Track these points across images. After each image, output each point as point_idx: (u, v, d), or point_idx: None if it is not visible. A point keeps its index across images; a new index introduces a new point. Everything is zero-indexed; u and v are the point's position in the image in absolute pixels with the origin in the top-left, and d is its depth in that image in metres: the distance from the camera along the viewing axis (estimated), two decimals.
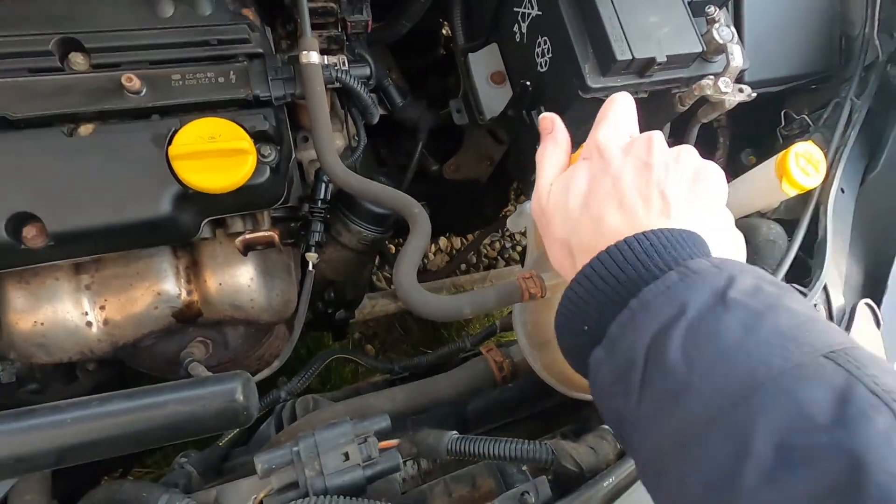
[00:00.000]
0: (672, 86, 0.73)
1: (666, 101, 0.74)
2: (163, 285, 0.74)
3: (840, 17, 0.86)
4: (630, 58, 0.65)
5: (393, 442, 0.53)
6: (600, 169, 0.44)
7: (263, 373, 0.77)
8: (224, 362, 0.88)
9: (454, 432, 0.53)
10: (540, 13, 0.75)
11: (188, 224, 0.65)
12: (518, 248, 2.02)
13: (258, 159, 0.63)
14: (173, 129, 0.60)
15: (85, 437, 0.48)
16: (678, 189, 0.41)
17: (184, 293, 0.76)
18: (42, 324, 0.69)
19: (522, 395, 0.73)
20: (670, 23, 0.68)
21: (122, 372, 0.89)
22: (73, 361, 0.77)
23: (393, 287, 1.69)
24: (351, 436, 0.51)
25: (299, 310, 0.78)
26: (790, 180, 0.64)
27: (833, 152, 0.75)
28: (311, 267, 0.77)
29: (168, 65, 0.63)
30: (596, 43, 0.67)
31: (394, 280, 0.53)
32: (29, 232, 0.57)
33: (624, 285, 0.37)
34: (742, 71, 0.74)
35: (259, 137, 0.64)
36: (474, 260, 1.93)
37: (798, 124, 0.86)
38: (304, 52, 0.64)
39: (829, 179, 0.72)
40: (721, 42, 0.69)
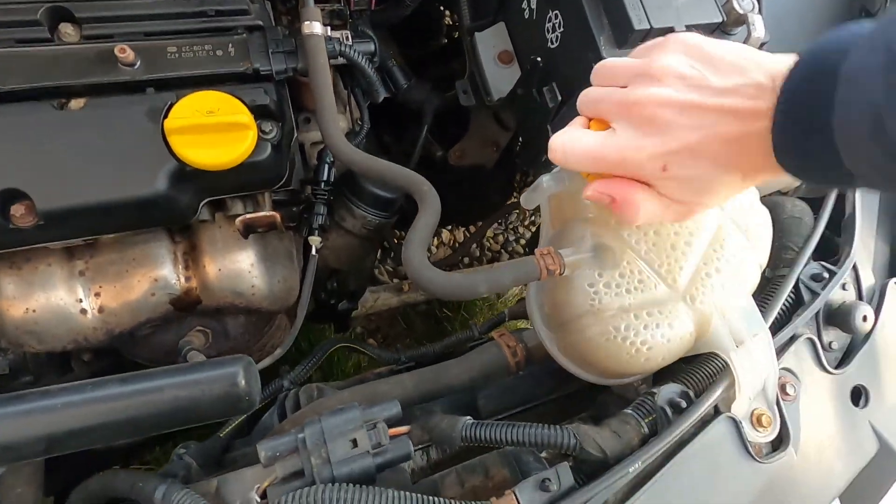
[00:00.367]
0: None
1: None
2: (160, 271, 0.71)
3: None
4: (648, 27, 0.62)
5: (404, 429, 0.50)
6: (662, 72, 0.42)
7: (265, 361, 0.74)
8: (224, 353, 0.85)
9: (468, 418, 0.50)
10: None
11: (186, 204, 0.62)
12: (522, 242, 1.98)
13: (259, 135, 0.60)
14: (169, 103, 0.57)
15: (77, 424, 0.45)
16: (721, 73, 0.40)
17: (182, 279, 0.73)
18: (34, 311, 0.66)
19: (536, 383, 0.70)
20: None
21: (120, 363, 0.86)
22: (68, 351, 0.74)
23: (395, 280, 1.66)
24: (359, 422, 0.48)
25: (302, 296, 0.75)
26: None
27: None
28: (315, 251, 0.74)
29: (163, 36, 0.61)
30: (611, 13, 0.65)
31: (403, 258, 0.50)
32: (17, 210, 0.54)
33: (826, 65, 0.35)
34: (763, 44, 0.72)
35: (259, 113, 0.61)
36: (477, 253, 1.90)
37: None
38: (307, 23, 0.61)
39: None
40: (742, 12, 0.66)
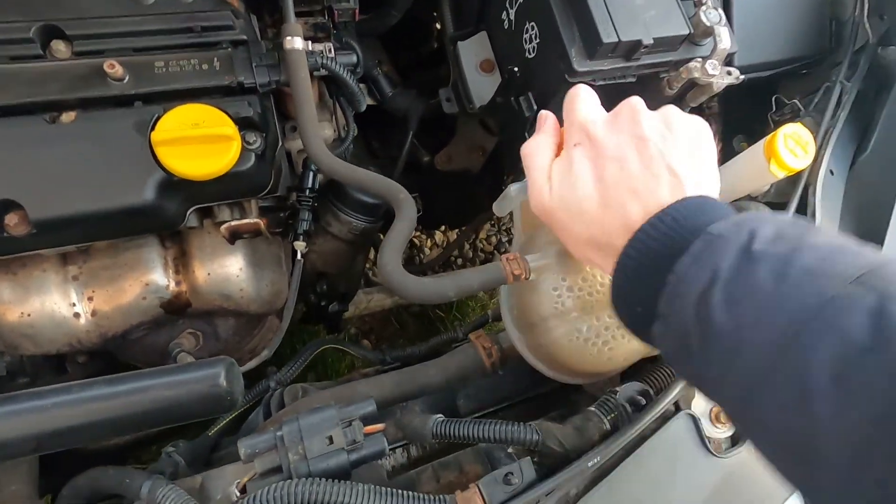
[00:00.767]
0: (660, 69, 0.72)
1: (654, 86, 0.73)
2: (151, 276, 0.74)
3: (830, 1, 0.86)
4: (616, 40, 0.64)
5: (378, 426, 0.53)
6: (597, 154, 0.44)
7: (252, 362, 0.77)
8: (214, 354, 0.88)
9: (440, 415, 0.52)
10: None
11: (173, 212, 0.64)
12: None
13: (243, 146, 0.62)
14: (156, 116, 0.60)
15: (66, 423, 0.47)
16: (680, 156, 0.42)
17: (172, 284, 0.75)
18: (29, 315, 0.69)
19: (515, 383, 0.73)
20: (657, 5, 0.67)
21: (114, 365, 0.88)
22: (63, 354, 0.76)
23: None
24: (336, 420, 0.51)
25: (288, 299, 0.78)
26: (779, 161, 0.63)
27: (822, 134, 0.74)
28: (300, 256, 0.77)
29: (151, 52, 0.63)
30: (582, 26, 0.67)
31: (377, 263, 0.52)
32: (11, 220, 0.57)
33: (659, 264, 0.38)
34: (731, 55, 0.74)
35: (244, 124, 0.63)
36: (471, 254, 1.92)
37: (789, 109, 0.85)
38: (288, 38, 0.64)
39: (819, 161, 0.72)
40: (708, 24, 0.68)
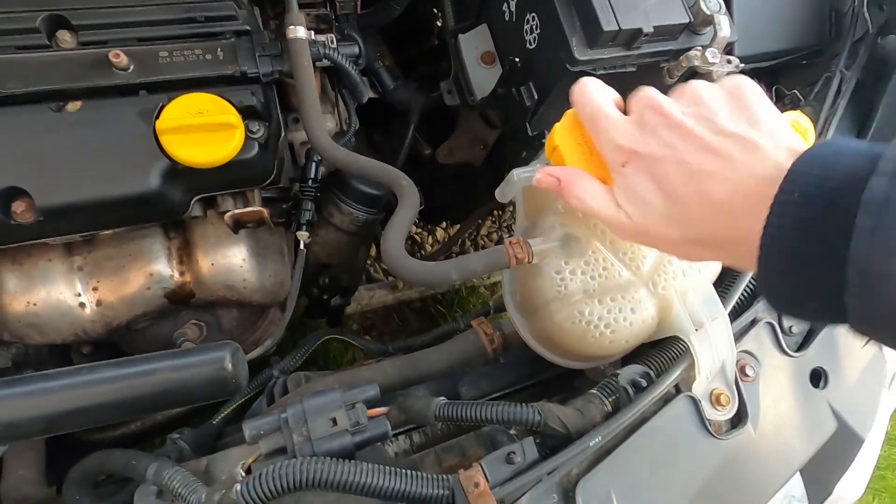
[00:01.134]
0: (660, 58, 0.72)
1: (654, 75, 0.74)
2: (155, 266, 0.74)
3: None
4: (616, 28, 0.65)
5: (382, 410, 0.53)
6: (650, 163, 0.39)
7: (256, 351, 0.77)
8: None
9: (442, 398, 0.53)
10: None
11: (177, 201, 0.65)
12: None
13: (246, 134, 0.63)
14: (161, 105, 0.60)
15: (74, 405, 0.48)
16: (726, 119, 0.37)
17: (176, 274, 0.76)
18: (35, 304, 0.70)
19: (516, 370, 0.73)
20: None
21: (118, 355, 0.88)
22: (68, 343, 0.77)
23: (390, 278, 1.69)
24: (339, 403, 0.51)
25: (291, 289, 0.78)
26: None
27: (822, 123, 0.75)
28: (303, 245, 0.77)
29: (155, 42, 0.64)
30: (583, 15, 0.67)
31: (381, 248, 0.53)
32: (18, 207, 0.57)
33: (826, 237, 0.30)
34: (731, 44, 0.74)
35: (247, 113, 0.64)
36: (471, 250, 1.93)
37: (789, 99, 0.85)
38: (291, 27, 0.64)
39: None
40: (708, 13, 0.69)
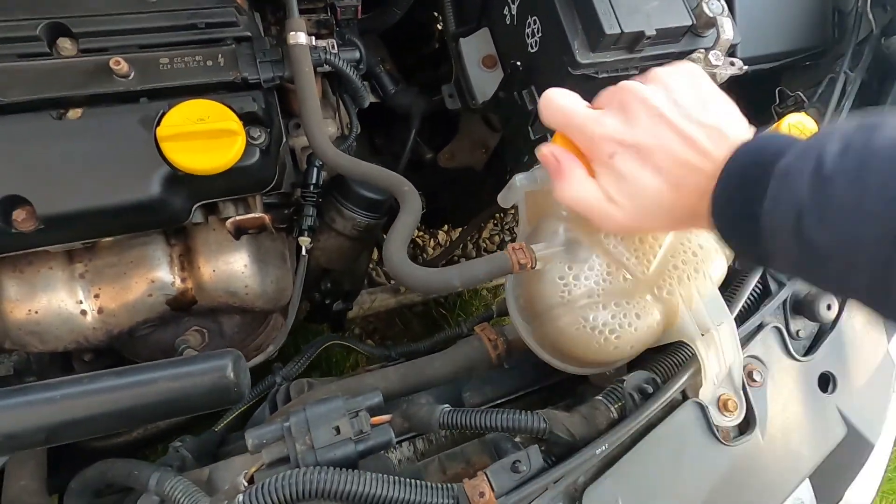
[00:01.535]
0: (663, 61, 0.72)
1: None
2: (157, 273, 0.74)
3: None
4: (619, 31, 0.65)
5: (385, 417, 0.53)
6: (635, 152, 0.44)
7: (258, 358, 0.77)
8: None
9: (446, 405, 0.52)
10: None
11: (179, 208, 0.65)
12: None
13: (247, 141, 0.63)
14: (161, 112, 0.60)
15: (75, 414, 0.47)
16: (694, 107, 0.44)
17: (178, 280, 0.76)
18: (36, 312, 0.69)
19: (520, 376, 0.72)
20: None
21: (120, 362, 0.89)
22: (69, 352, 0.77)
23: (392, 282, 1.69)
24: (342, 411, 0.51)
25: (293, 294, 0.78)
26: None
27: (826, 124, 0.74)
28: (305, 251, 0.77)
29: (156, 49, 0.64)
30: (585, 18, 0.67)
31: (383, 255, 0.52)
32: (19, 215, 0.57)
33: (745, 213, 0.39)
34: (734, 46, 0.74)
35: (248, 119, 0.64)
36: (474, 254, 1.92)
37: (792, 101, 0.85)
38: (292, 33, 0.64)
39: None
40: (711, 15, 0.69)
